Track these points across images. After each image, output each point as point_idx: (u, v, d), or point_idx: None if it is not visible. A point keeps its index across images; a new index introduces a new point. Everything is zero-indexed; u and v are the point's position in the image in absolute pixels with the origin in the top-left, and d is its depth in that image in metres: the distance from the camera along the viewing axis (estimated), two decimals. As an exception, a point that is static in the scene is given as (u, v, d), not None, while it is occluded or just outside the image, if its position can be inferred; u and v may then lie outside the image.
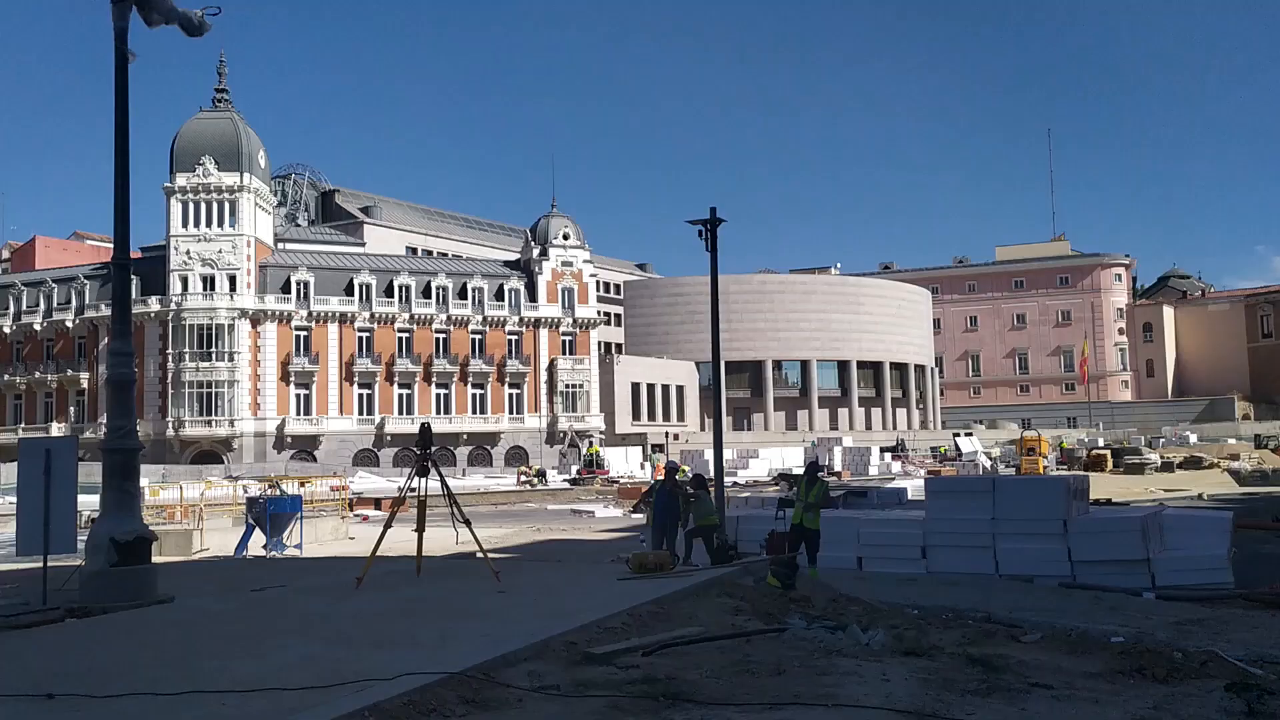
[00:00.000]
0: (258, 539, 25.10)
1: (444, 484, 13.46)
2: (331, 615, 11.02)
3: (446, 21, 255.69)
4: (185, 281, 78.08)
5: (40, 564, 12.35)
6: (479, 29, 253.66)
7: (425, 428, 13.54)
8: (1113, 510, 24.86)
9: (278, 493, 27.24)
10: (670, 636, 9.66)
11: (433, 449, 13.50)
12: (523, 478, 64.87)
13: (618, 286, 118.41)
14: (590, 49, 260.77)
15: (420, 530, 13.58)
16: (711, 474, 26.02)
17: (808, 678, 8.37)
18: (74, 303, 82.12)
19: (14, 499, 14.22)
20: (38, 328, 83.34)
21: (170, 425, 76.54)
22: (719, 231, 25.26)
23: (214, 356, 77.44)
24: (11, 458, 57.19)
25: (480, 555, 14.05)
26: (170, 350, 77.45)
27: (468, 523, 13.42)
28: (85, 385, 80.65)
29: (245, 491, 36.37)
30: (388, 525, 13.61)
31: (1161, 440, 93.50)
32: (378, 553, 13.84)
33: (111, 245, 13.35)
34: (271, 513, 25.09)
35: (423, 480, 13.37)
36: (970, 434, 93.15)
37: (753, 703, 7.41)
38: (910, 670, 8.77)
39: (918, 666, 8.95)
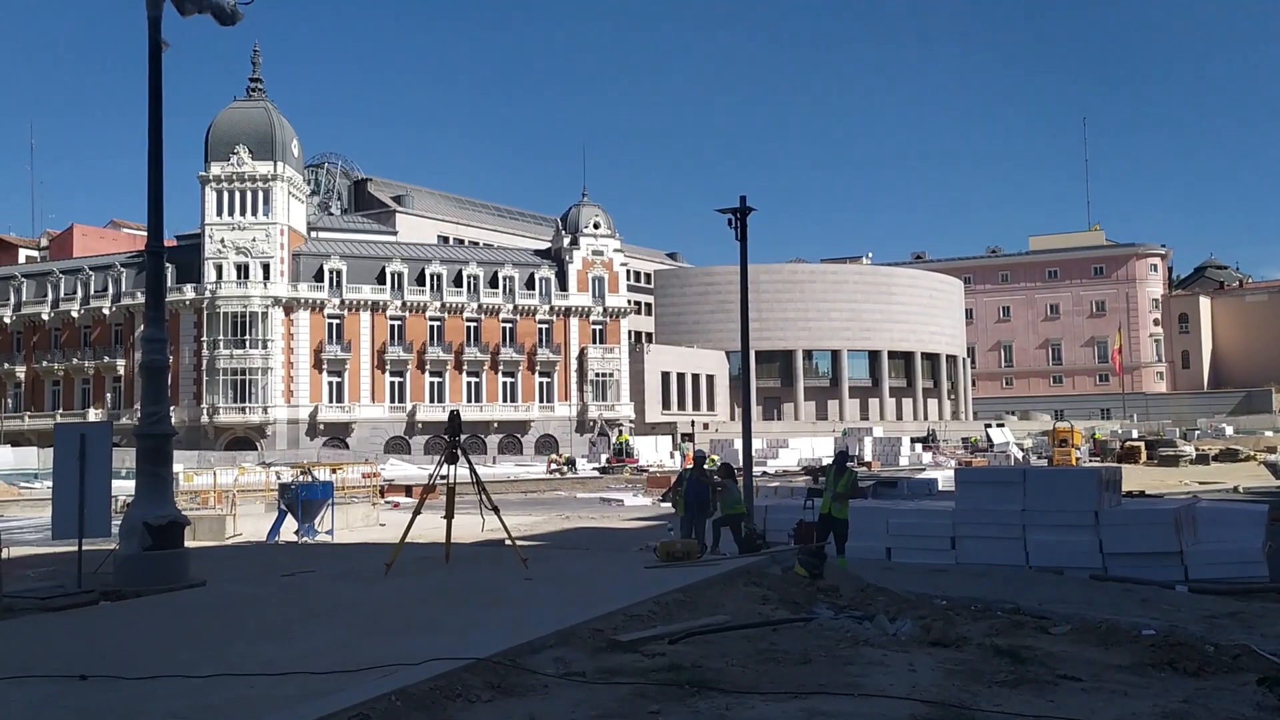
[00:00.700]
0: (290, 525, 25.27)
1: (473, 471, 13.52)
2: (360, 600, 11.11)
3: (477, 11, 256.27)
4: (220, 269, 78.81)
5: (76, 548, 12.52)
6: (509, 19, 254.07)
7: (455, 415, 13.60)
8: (1145, 502, 24.59)
9: (309, 479, 27.42)
10: (696, 625, 9.67)
11: (462, 436, 13.55)
12: (552, 466, 65.06)
13: (648, 276, 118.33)
14: (621, 38, 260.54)
15: (449, 517, 13.65)
16: (741, 463, 25.99)
17: (834, 667, 8.35)
18: (111, 290, 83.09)
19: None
20: (75, 315, 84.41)
21: (205, 412, 77.33)
22: (749, 220, 25.17)
23: (248, 344, 78.13)
24: (50, 443, 58.03)
25: (508, 543, 14.12)
26: (205, 338, 78.22)
27: (496, 510, 13.49)
28: (122, 372, 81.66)
29: (278, 478, 36.67)
30: (416, 512, 13.71)
31: (1197, 432, 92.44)
32: (407, 539, 13.93)
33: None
34: (303, 499, 25.25)
35: (452, 467, 13.43)
36: (1002, 425, 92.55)
37: (778, 691, 7.39)
38: (937, 661, 8.73)
39: (945, 657, 8.90)
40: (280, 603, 11.17)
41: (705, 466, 19.24)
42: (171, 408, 68.95)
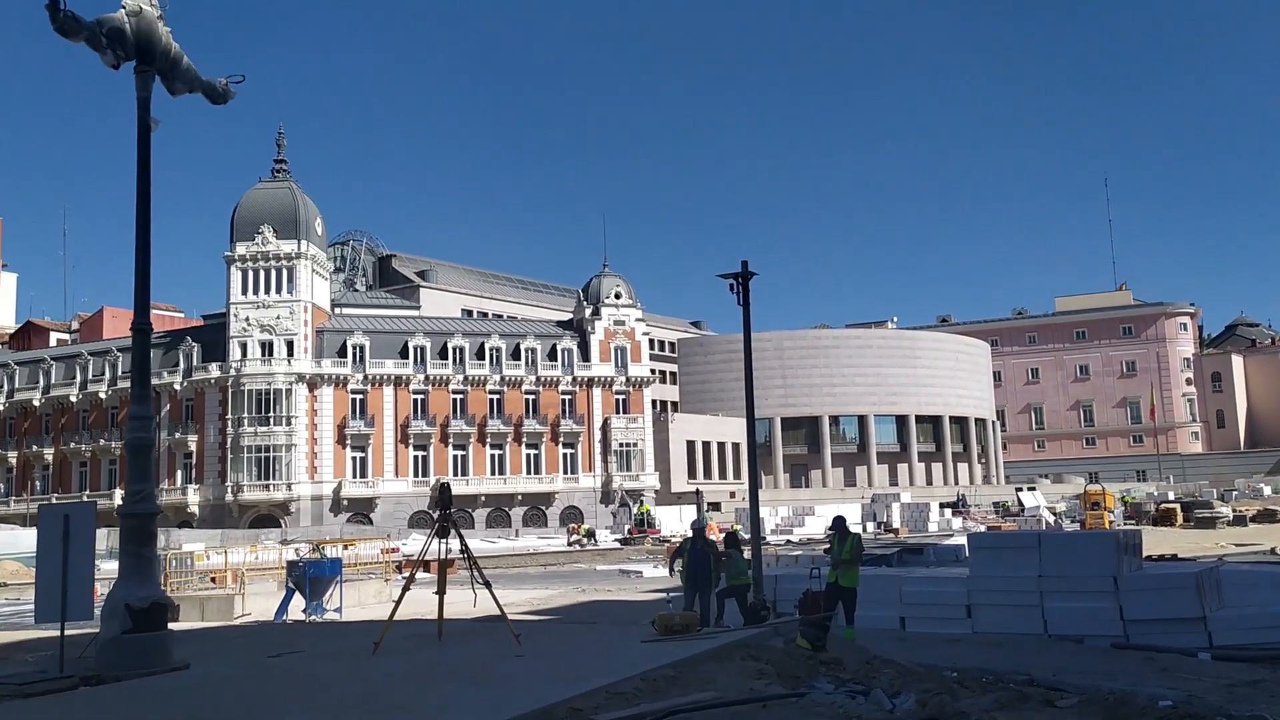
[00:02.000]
0: (298, 603, 24.98)
1: (464, 545, 13.24)
2: (340, 682, 10.79)
3: (498, 88, 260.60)
4: (244, 348, 79.47)
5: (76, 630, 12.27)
6: (529, 94, 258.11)
7: (444, 488, 13.37)
8: (1166, 566, 23.85)
9: (319, 556, 27.11)
10: (681, 702, 9.28)
11: (452, 510, 13.30)
12: (573, 538, 64.51)
13: (672, 344, 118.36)
14: (639, 107, 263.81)
15: (441, 593, 13.35)
16: (762, 531, 25.48)
17: (819, 747, 7.96)
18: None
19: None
20: (103, 396, 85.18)
21: (229, 490, 77.43)
22: (757, 285, 25.11)
23: (272, 421, 78.41)
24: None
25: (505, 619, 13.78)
26: (230, 415, 78.59)
27: (488, 585, 13.18)
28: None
29: (297, 554, 36.36)
30: (405, 588, 13.43)
31: (1234, 493, 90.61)
32: (407, 615, 13.63)
33: (178, 314, 13.54)
34: (311, 576, 24.95)
35: (443, 541, 13.17)
36: (1034, 488, 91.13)
37: (754, 774, 7.02)
38: (930, 738, 8.31)
39: (939, 734, 8.48)
40: (258, 686, 10.85)
41: (709, 536, 18.82)
42: (196, 486, 68.26)
